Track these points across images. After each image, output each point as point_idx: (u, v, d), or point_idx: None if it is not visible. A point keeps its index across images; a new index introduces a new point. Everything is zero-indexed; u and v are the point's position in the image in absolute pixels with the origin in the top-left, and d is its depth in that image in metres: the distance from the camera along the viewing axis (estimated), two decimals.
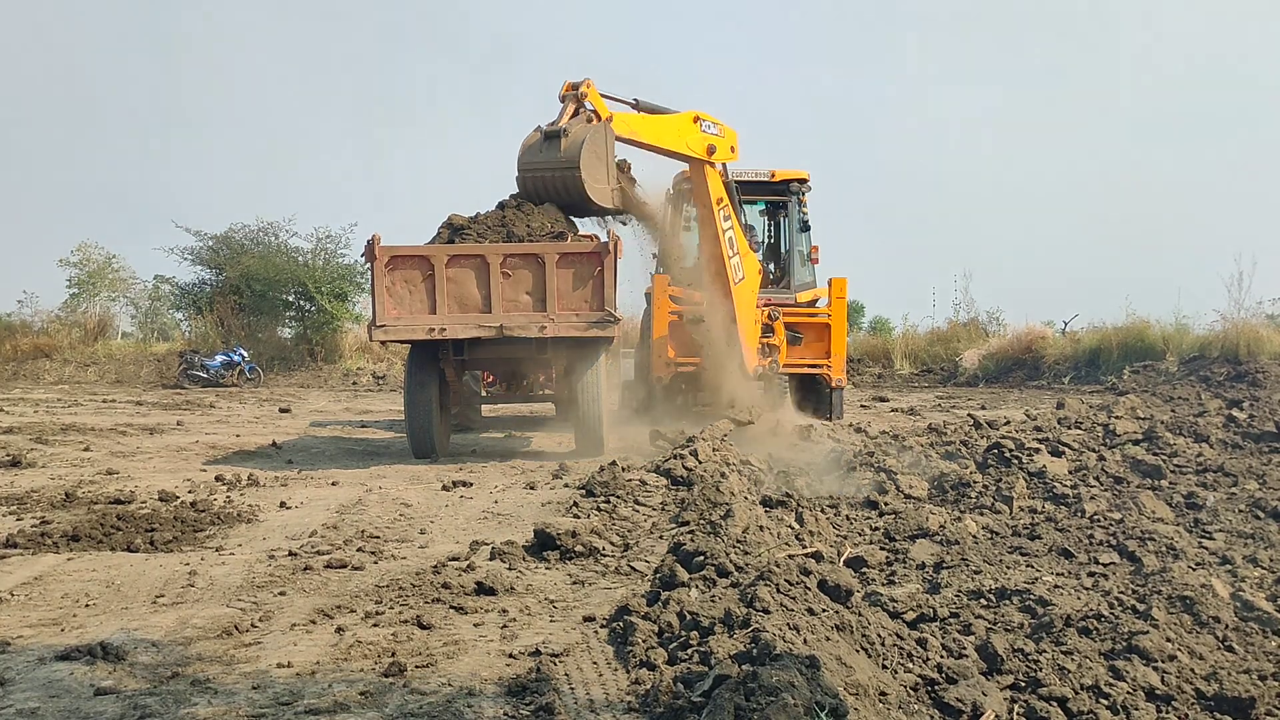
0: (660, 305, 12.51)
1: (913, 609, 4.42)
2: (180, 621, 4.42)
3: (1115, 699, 3.48)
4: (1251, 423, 9.44)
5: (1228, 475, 7.71)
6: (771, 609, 3.84)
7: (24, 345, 25.45)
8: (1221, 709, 3.52)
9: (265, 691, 3.56)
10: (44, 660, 3.91)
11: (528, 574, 5.30)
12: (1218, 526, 6.39)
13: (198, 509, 7.07)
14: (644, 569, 5.38)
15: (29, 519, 6.81)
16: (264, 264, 25.72)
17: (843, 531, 6.66)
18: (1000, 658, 3.77)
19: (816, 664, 3.17)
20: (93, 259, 29.86)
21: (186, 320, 28.70)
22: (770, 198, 13.26)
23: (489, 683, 3.66)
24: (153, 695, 3.53)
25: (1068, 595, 4.59)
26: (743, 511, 6.08)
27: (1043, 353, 22.08)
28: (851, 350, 23.68)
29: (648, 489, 7.56)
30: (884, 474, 8.03)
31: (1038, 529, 6.37)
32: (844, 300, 12.76)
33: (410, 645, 4.06)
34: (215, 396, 19.89)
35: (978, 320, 25.72)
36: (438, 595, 4.81)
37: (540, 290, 9.61)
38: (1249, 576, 5.29)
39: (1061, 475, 7.75)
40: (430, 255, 9.59)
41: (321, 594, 4.91)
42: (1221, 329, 18.86)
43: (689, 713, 3.13)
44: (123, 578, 5.24)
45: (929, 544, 5.93)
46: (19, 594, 4.91)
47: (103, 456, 10.43)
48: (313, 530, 6.44)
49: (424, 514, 7.13)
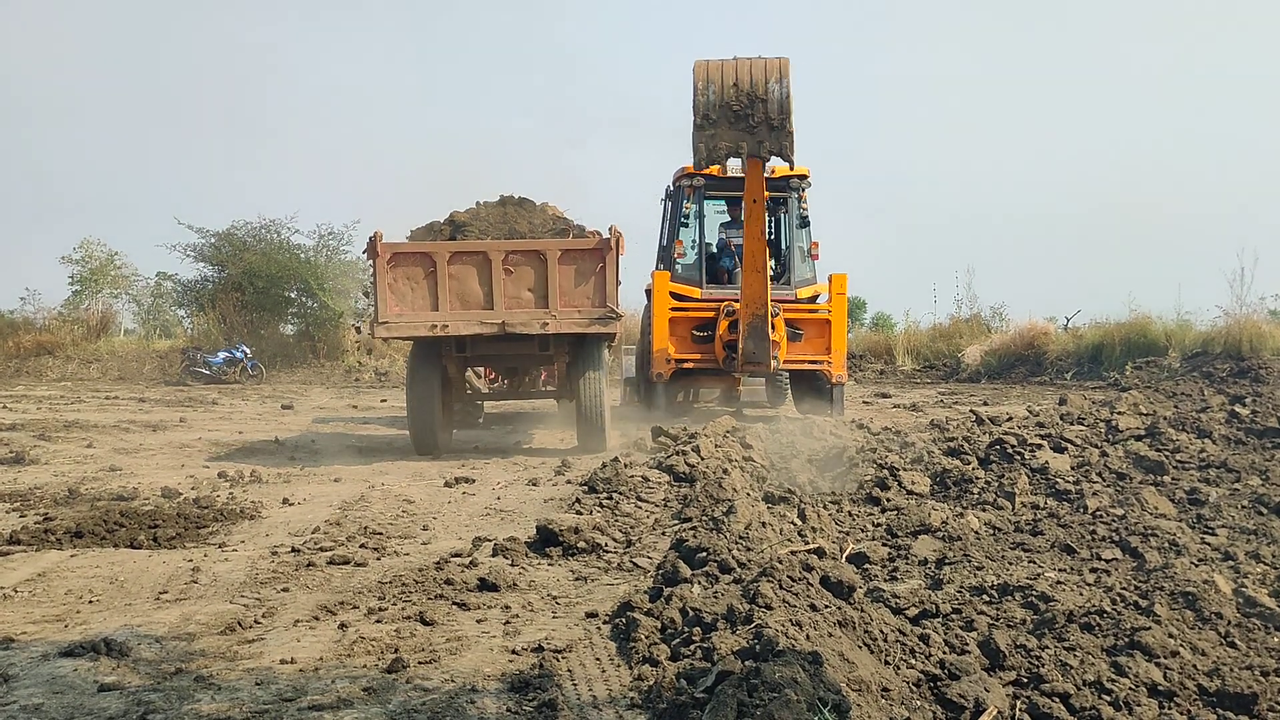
0: (661, 301, 12.52)
1: (915, 605, 4.41)
2: (183, 618, 4.43)
3: (1118, 695, 3.48)
4: (1254, 419, 9.43)
5: (1230, 471, 7.71)
6: (774, 605, 3.84)
7: (26, 342, 25.47)
8: (1224, 705, 3.52)
9: (268, 688, 3.56)
10: (48, 657, 3.92)
11: (530, 570, 5.31)
12: (1220, 522, 6.39)
13: (200, 505, 7.09)
14: (646, 565, 5.38)
15: (32, 516, 6.82)
16: (266, 261, 25.74)
17: (845, 528, 6.66)
18: (1002, 654, 3.77)
19: (819, 660, 3.17)
20: (95, 256, 29.93)
21: (189, 317, 28.71)
22: (770, 194, 13.24)
23: (492, 679, 3.66)
24: (156, 691, 3.54)
25: (1070, 591, 4.59)
26: (745, 508, 6.09)
27: (1045, 349, 22.05)
28: (854, 346, 23.68)
29: (650, 485, 7.56)
30: (886, 470, 8.03)
31: (1040, 525, 6.37)
32: (844, 296, 12.76)
33: (413, 641, 4.07)
34: (218, 393, 19.91)
35: (980, 316, 25.69)
36: (440, 591, 4.81)
37: (542, 287, 9.61)
38: (1251, 572, 5.29)
39: (1064, 471, 7.75)
40: (432, 252, 9.59)
41: (324, 590, 4.92)
42: (1224, 325, 18.82)
43: (692, 709, 3.13)
44: (126, 574, 5.25)
45: (931, 540, 5.93)
46: (22, 590, 4.92)
47: (106, 453, 10.45)
48: (315, 526, 6.45)
49: (426, 510, 7.14)
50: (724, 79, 8.49)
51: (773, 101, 8.46)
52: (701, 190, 13.13)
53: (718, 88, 8.51)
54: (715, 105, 8.54)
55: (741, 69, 8.52)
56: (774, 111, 8.50)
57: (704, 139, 8.58)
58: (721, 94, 8.54)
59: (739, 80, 8.48)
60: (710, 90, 8.51)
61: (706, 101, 8.52)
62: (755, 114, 8.51)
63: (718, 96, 8.51)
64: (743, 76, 8.50)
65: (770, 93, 8.47)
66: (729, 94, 8.51)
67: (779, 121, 8.52)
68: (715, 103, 8.53)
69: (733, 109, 8.51)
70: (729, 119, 8.55)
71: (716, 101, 8.52)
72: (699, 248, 13.33)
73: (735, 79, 8.48)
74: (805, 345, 12.43)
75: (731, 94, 8.48)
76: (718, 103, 8.53)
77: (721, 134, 8.58)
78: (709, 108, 8.53)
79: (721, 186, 13.17)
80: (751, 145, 8.62)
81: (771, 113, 8.51)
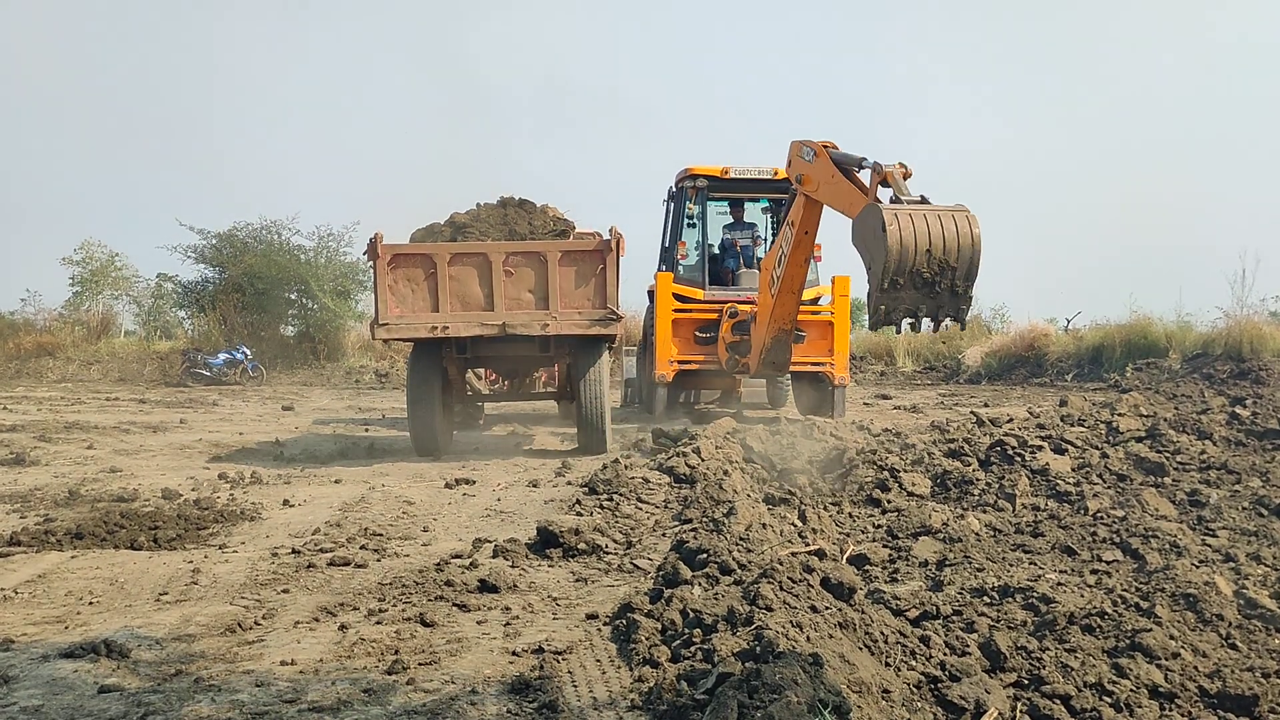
0: (663, 303, 12.52)
1: (916, 606, 4.41)
2: (183, 619, 4.43)
3: (1118, 696, 3.48)
4: (1255, 420, 9.42)
5: (1231, 473, 7.70)
6: (774, 607, 3.84)
7: (27, 344, 25.49)
8: (1225, 707, 3.52)
9: (268, 689, 3.56)
10: (48, 658, 3.91)
11: (531, 571, 5.30)
12: (1221, 524, 6.38)
13: (201, 507, 7.08)
14: (647, 567, 5.38)
15: (33, 517, 6.82)
16: (267, 262, 25.75)
17: (845, 529, 6.66)
18: (1003, 655, 3.76)
19: (819, 662, 3.17)
20: (95, 257, 29.93)
21: (189, 318, 28.74)
22: (773, 195, 13.25)
23: (492, 680, 3.66)
24: (156, 693, 3.53)
25: (1071, 593, 4.59)
26: (745, 509, 6.08)
27: (1046, 350, 22.05)
28: (854, 348, 23.67)
29: (650, 487, 7.56)
30: (886, 471, 8.02)
31: (1041, 526, 6.36)
32: (846, 298, 12.76)
33: (413, 643, 4.06)
34: (218, 394, 19.92)
35: (980, 318, 25.72)
36: (441, 593, 4.81)
37: (543, 288, 9.62)
38: (1252, 574, 5.29)
39: (1064, 473, 7.74)
40: (432, 253, 9.59)
41: (324, 592, 4.92)
42: (1225, 326, 18.82)
43: (692, 710, 3.13)
44: (126, 575, 5.25)
45: (932, 541, 5.93)
46: (23, 592, 4.92)
47: (106, 454, 10.45)
48: (316, 528, 6.44)
49: (427, 512, 7.14)
50: (918, 244, 7.84)
51: (961, 269, 7.87)
52: (704, 192, 13.13)
53: (911, 253, 7.84)
54: (907, 271, 7.87)
55: (934, 228, 7.90)
56: (960, 279, 7.90)
57: (886, 300, 7.86)
58: (914, 259, 7.88)
59: (933, 245, 7.86)
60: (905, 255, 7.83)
61: (898, 268, 7.87)
62: (943, 281, 7.90)
63: (910, 262, 7.86)
64: (935, 242, 7.88)
65: (960, 259, 7.87)
66: (921, 260, 7.87)
67: (964, 289, 7.93)
68: (908, 268, 7.87)
69: (923, 276, 7.88)
70: (916, 284, 7.92)
71: (909, 267, 7.87)
72: (701, 249, 13.33)
73: (930, 243, 7.87)
74: (808, 347, 12.43)
75: (924, 260, 7.87)
76: (910, 268, 7.87)
77: (904, 296, 7.89)
78: (899, 273, 7.89)
79: (724, 188, 13.17)
80: (930, 309, 7.99)
81: (958, 280, 7.90)
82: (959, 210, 8.01)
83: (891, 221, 7.88)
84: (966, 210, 8.01)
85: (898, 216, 7.92)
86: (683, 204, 13.21)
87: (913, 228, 7.87)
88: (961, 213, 7.98)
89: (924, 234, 7.86)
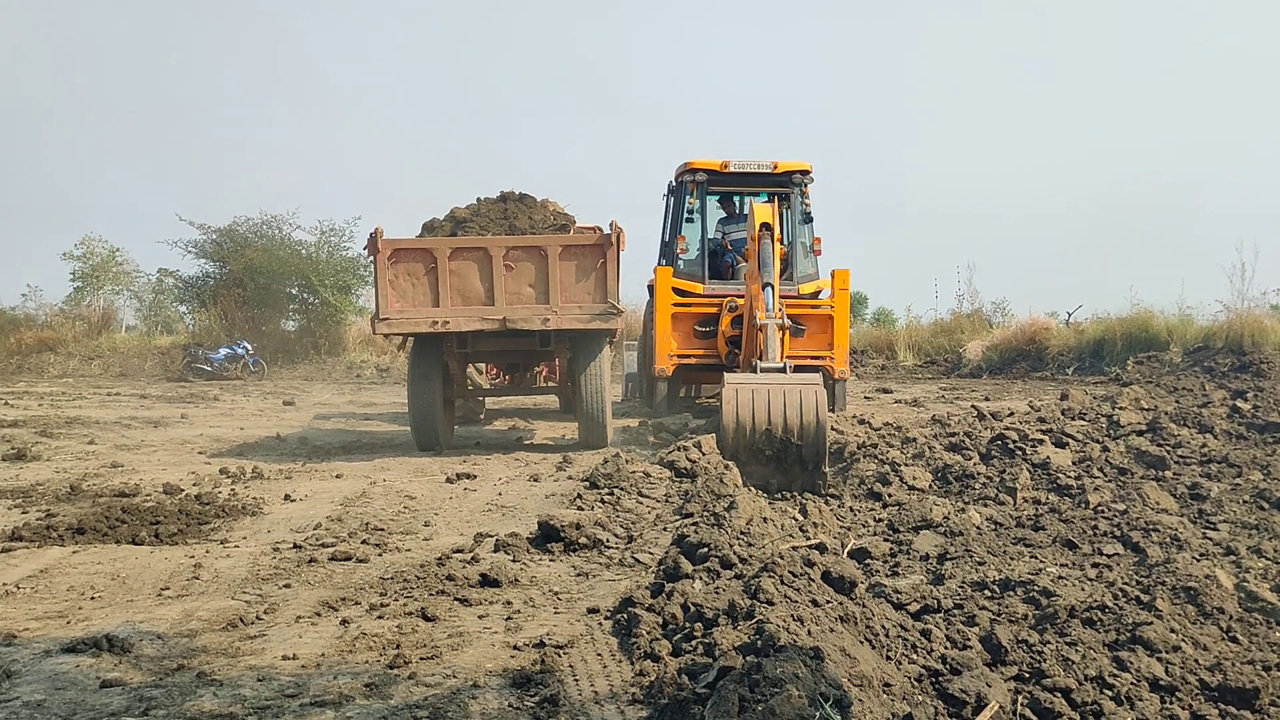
0: (663, 297, 12.51)
1: (916, 600, 4.42)
2: (185, 614, 4.43)
3: (1119, 690, 3.49)
4: (1256, 414, 9.43)
5: (1232, 466, 7.70)
6: (775, 601, 3.84)
7: (28, 339, 25.51)
8: (1225, 699, 3.52)
9: (270, 684, 3.57)
10: (50, 653, 3.92)
11: (532, 566, 5.31)
12: (1222, 517, 6.39)
13: (202, 502, 7.09)
14: (648, 561, 5.38)
15: (34, 512, 6.83)
16: (267, 257, 25.75)
17: (846, 523, 6.67)
18: (1004, 649, 3.77)
19: (820, 655, 3.17)
20: (96, 252, 29.92)
21: (190, 313, 28.77)
22: (773, 189, 13.23)
23: (493, 675, 3.66)
24: (158, 687, 3.54)
25: (1072, 586, 4.59)
26: (746, 503, 6.09)
27: (1046, 344, 22.02)
28: (855, 342, 23.65)
29: (651, 481, 7.56)
30: (887, 465, 8.03)
31: (1041, 520, 6.37)
32: (846, 292, 12.74)
33: (415, 637, 4.07)
34: (219, 389, 19.92)
35: (981, 311, 25.66)
36: (442, 587, 4.82)
37: (543, 282, 9.61)
38: (1253, 567, 5.29)
39: (1065, 466, 7.75)
40: (433, 248, 9.59)
41: (326, 586, 4.92)
42: (1225, 320, 18.79)
43: (693, 704, 3.13)
44: (128, 570, 5.26)
45: (933, 535, 5.94)
46: (25, 587, 4.93)
47: (107, 450, 10.46)
48: (317, 523, 6.45)
49: (428, 506, 7.14)
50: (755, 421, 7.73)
51: (807, 446, 7.75)
52: (704, 186, 13.11)
53: (748, 430, 7.77)
54: (744, 447, 7.83)
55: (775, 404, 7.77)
56: (809, 455, 7.79)
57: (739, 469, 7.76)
58: (749, 437, 7.80)
59: (773, 423, 7.73)
60: (740, 432, 7.78)
61: (734, 444, 7.84)
62: (789, 456, 7.79)
63: (746, 440, 7.80)
64: (776, 419, 7.73)
65: (804, 435, 7.73)
66: (760, 439, 7.79)
67: (813, 466, 7.83)
68: (744, 445, 7.82)
69: (764, 453, 7.80)
70: (759, 460, 7.85)
71: (746, 444, 7.82)
72: (701, 243, 13.32)
73: (769, 421, 7.74)
74: (808, 341, 12.42)
75: (763, 439, 7.79)
76: (747, 445, 7.81)
77: (752, 471, 7.82)
78: (737, 449, 7.85)
79: (725, 182, 13.16)
80: (781, 483, 7.88)
81: (806, 456, 7.79)
82: (807, 384, 7.93)
83: (730, 400, 7.86)
84: (817, 384, 7.96)
85: (737, 393, 7.91)
86: (682, 198, 13.19)
87: (751, 404, 7.81)
88: (810, 387, 7.88)
89: (763, 410, 7.76)
